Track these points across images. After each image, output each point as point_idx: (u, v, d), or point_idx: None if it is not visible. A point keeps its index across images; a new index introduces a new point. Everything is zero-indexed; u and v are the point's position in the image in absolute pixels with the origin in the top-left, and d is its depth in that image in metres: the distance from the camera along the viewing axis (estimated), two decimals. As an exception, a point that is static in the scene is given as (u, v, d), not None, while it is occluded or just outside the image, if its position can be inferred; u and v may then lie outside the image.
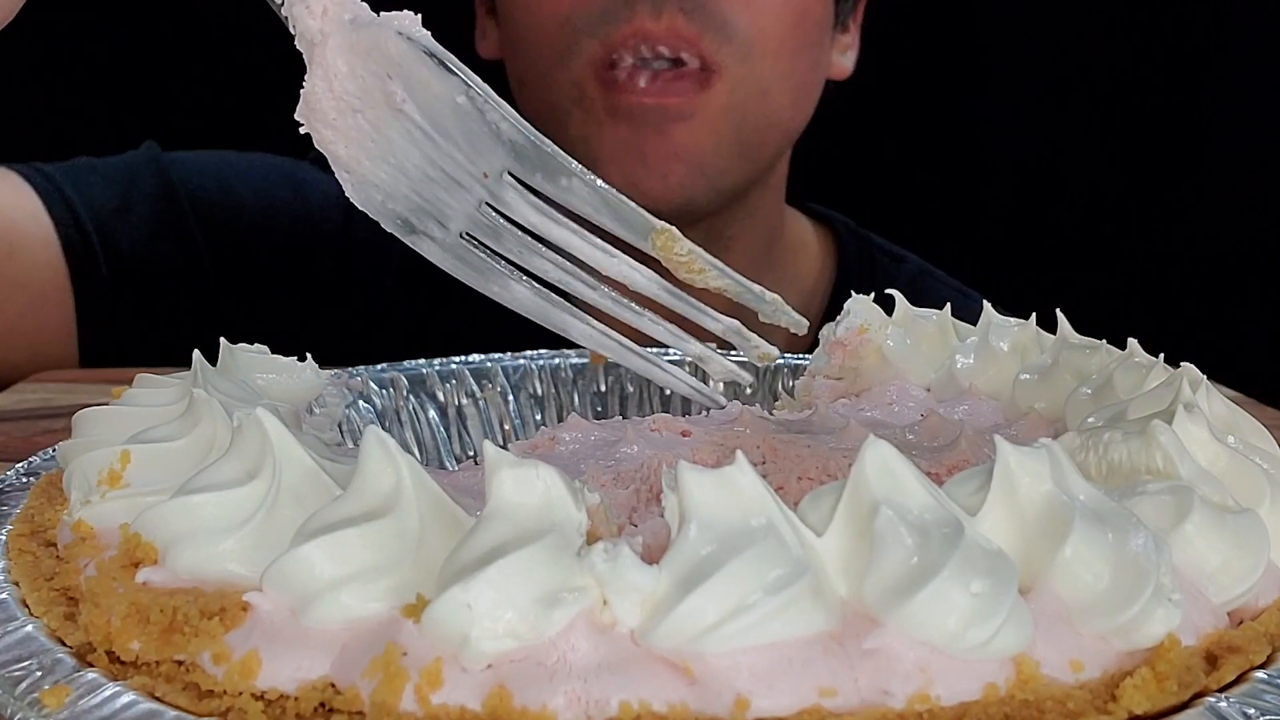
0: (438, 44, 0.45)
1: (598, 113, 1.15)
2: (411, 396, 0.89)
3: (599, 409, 0.92)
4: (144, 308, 1.20)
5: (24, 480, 0.63)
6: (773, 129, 1.20)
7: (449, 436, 0.88)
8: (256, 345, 0.69)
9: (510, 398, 0.91)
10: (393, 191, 0.50)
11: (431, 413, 0.89)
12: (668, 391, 0.93)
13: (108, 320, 1.19)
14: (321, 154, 1.38)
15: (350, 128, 0.45)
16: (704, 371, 0.74)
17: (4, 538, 0.55)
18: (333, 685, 0.41)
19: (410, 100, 0.42)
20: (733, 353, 0.79)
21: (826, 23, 1.23)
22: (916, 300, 0.83)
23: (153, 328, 1.20)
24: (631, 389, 0.94)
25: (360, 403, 0.86)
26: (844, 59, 1.31)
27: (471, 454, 0.87)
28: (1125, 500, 0.47)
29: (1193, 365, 0.61)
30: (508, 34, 1.23)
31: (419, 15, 0.46)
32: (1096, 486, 0.46)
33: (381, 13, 0.45)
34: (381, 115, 0.43)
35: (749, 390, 0.92)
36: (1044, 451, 0.45)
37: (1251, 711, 0.41)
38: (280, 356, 0.69)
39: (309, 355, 0.71)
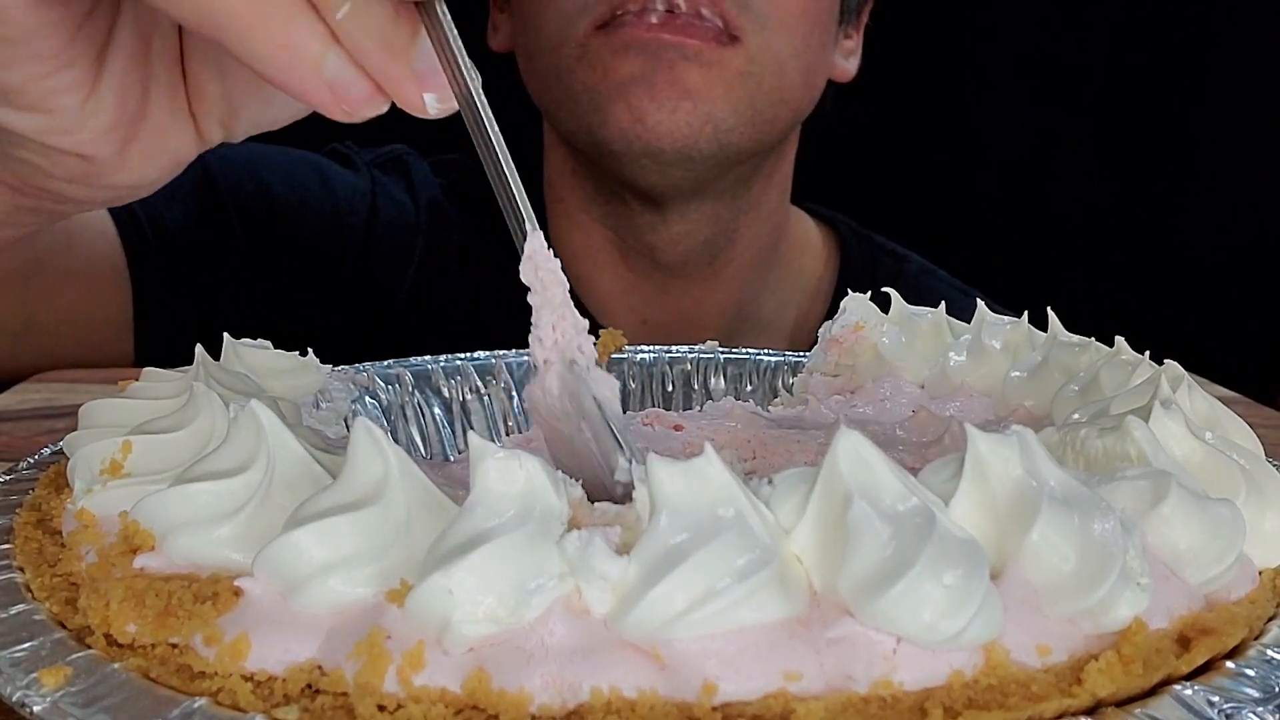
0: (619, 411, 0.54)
1: (603, 60, 1.14)
2: (417, 392, 0.90)
3: (601, 405, 0.94)
4: (195, 294, 1.21)
5: (36, 471, 0.65)
6: (785, 105, 1.21)
7: (454, 432, 0.90)
8: (259, 340, 0.71)
9: (514, 394, 0.92)
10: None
11: (436, 408, 0.90)
12: (669, 388, 0.95)
13: (162, 306, 1.20)
14: (338, 149, 1.40)
15: (546, 425, 0.56)
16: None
17: (12, 525, 0.56)
18: (319, 667, 0.42)
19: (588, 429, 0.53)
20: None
21: (834, 8, 1.25)
22: (918, 300, 0.84)
23: (203, 314, 1.21)
24: (634, 385, 0.95)
25: (366, 398, 0.87)
26: (847, 62, 1.33)
27: (475, 449, 0.88)
28: (1104, 485, 0.48)
29: (1176, 363, 0.62)
30: (519, 8, 1.24)
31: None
32: (1069, 472, 0.46)
33: (591, 370, 0.53)
34: (573, 427, 0.54)
35: (749, 387, 0.94)
36: (1014, 438, 0.46)
37: (1216, 699, 0.42)
38: (282, 351, 0.71)
39: (310, 350, 0.72)
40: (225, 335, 0.68)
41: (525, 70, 1.25)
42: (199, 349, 0.63)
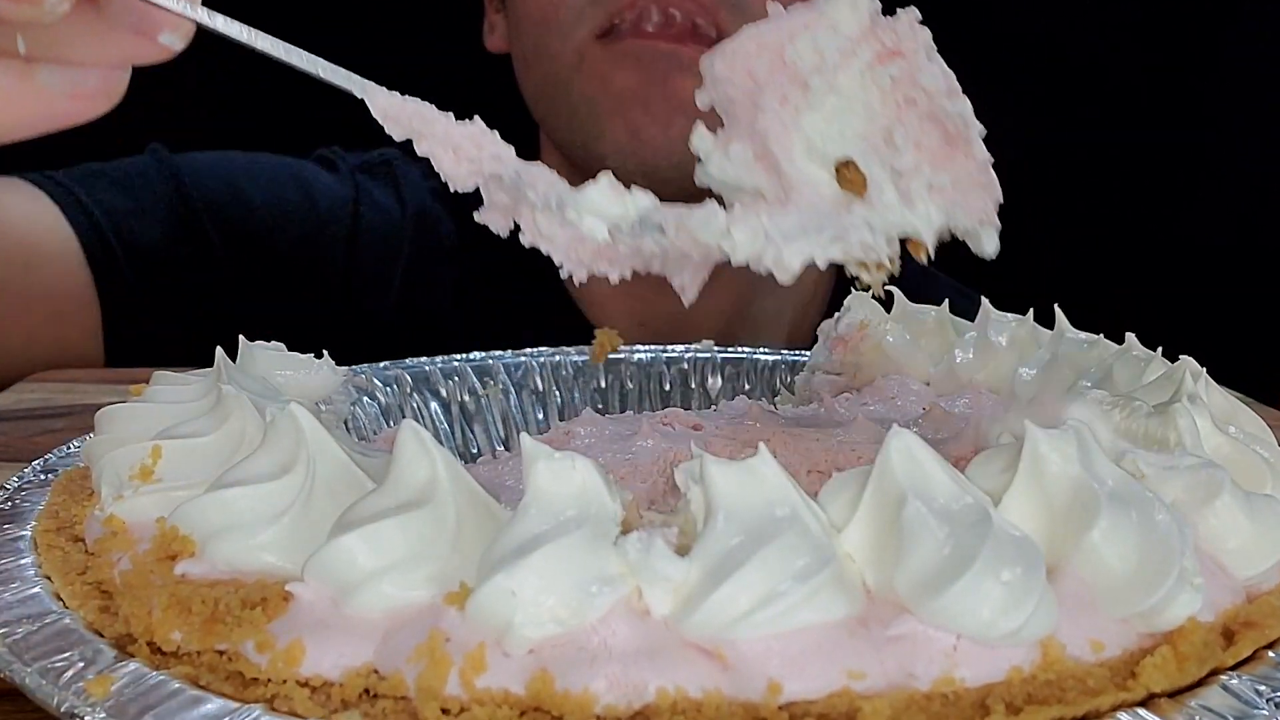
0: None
1: (600, 70, 1.13)
2: (415, 394, 0.89)
3: (599, 405, 0.93)
4: (168, 308, 1.20)
5: (42, 477, 0.63)
6: None
7: (452, 433, 0.89)
8: (274, 343, 0.70)
9: (512, 394, 0.92)
10: None
11: (435, 409, 0.90)
12: (667, 388, 0.95)
13: (134, 321, 1.18)
14: (325, 155, 1.38)
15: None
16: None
17: (31, 533, 0.55)
18: (376, 671, 0.42)
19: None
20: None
21: None
22: (916, 300, 0.85)
23: (176, 327, 1.19)
24: (631, 385, 0.95)
25: (365, 400, 0.86)
26: None
27: (475, 450, 0.88)
28: (1161, 470, 0.48)
29: (1190, 358, 0.63)
30: (515, 15, 1.23)
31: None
32: (1123, 465, 0.47)
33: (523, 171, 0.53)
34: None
35: (747, 386, 0.94)
36: (1072, 434, 0.46)
37: (1263, 689, 0.43)
38: (297, 354, 0.70)
39: (325, 353, 0.72)
40: (240, 338, 0.68)
41: (521, 76, 1.24)
42: (219, 352, 0.62)
